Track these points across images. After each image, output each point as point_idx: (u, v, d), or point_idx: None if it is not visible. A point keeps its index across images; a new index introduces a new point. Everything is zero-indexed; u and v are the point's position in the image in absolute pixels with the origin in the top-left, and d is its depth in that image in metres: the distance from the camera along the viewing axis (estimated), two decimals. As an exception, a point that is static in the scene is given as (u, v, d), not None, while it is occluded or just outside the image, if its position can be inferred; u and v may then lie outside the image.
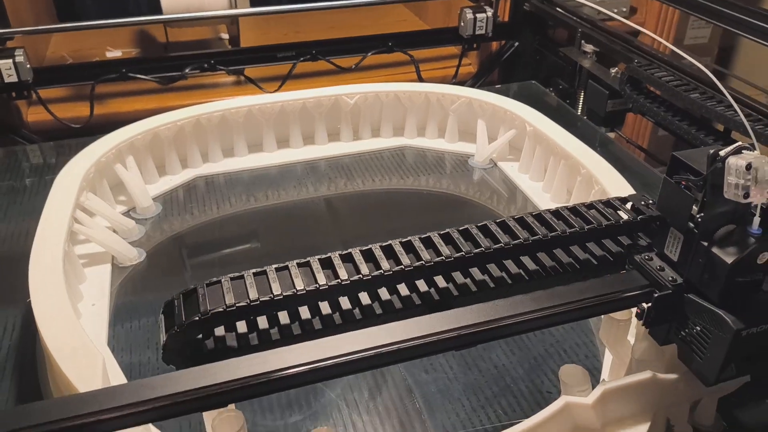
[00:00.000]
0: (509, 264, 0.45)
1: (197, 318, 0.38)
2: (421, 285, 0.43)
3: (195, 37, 1.37)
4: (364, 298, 0.42)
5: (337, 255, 0.42)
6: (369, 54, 1.20)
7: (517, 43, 1.27)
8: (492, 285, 0.44)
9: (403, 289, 0.43)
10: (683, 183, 0.42)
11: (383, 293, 0.42)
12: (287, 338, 0.40)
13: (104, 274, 0.67)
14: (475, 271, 0.44)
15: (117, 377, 0.53)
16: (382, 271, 0.41)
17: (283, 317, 0.41)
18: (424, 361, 0.58)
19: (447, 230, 0.44)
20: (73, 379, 0.46)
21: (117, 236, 0.70)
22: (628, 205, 0.47)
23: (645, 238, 0.47)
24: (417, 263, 0.42)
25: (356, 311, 0.41)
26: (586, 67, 1.05)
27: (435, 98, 0.91)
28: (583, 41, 1.07)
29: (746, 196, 0.38)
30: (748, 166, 0.38)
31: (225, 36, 1.38)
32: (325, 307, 0.41)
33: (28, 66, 1.01)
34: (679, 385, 0.46)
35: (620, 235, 0.47)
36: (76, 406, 0.34)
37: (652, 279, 0.44)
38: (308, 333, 0.40)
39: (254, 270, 0.41)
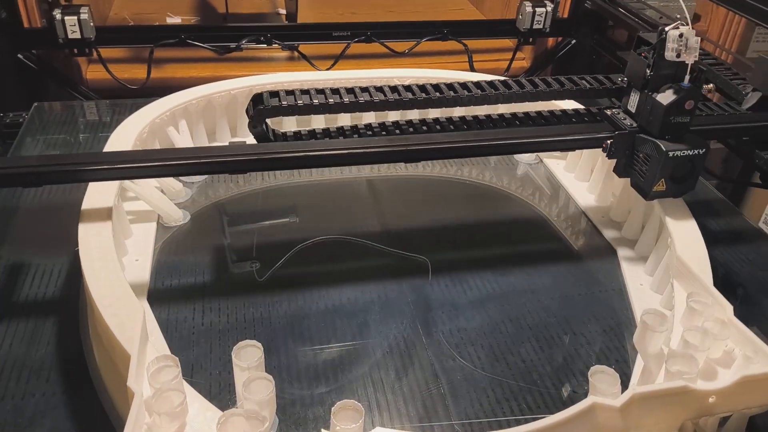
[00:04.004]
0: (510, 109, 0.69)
1: (277, 104, 0.62)
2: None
3: (253, 10, 1.38)
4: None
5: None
6: (423, 40, 1.19)
7: (574, 41, 1.25)
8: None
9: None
10: (642, 54, 0.62)
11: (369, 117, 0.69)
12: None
13: (149, 232, 0.69)
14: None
15: (154, 331, 0.54)
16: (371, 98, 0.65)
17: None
18: (453, 349, 0.58)
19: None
20: (113, 327, 0.47)
21: (164, 196, 0.72)
22: (609, 80, 0.69)
23: (618, 102, 0.68)
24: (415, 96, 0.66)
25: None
26: (643, 70, 1.03)
27: (487, 89, 0.90)
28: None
29: (678, 56, 0.58)
30: (681, 35, 0.58)
31: (282, 11, 1.39)
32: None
33: (92, 24, 1.04)
34: (711, 397, 0.45)
35: (601, 97, 0.71)
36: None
37: (616, 125, 0.65)
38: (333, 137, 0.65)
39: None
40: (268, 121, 0.64)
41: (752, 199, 1.28)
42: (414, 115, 0.68)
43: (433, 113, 0.77)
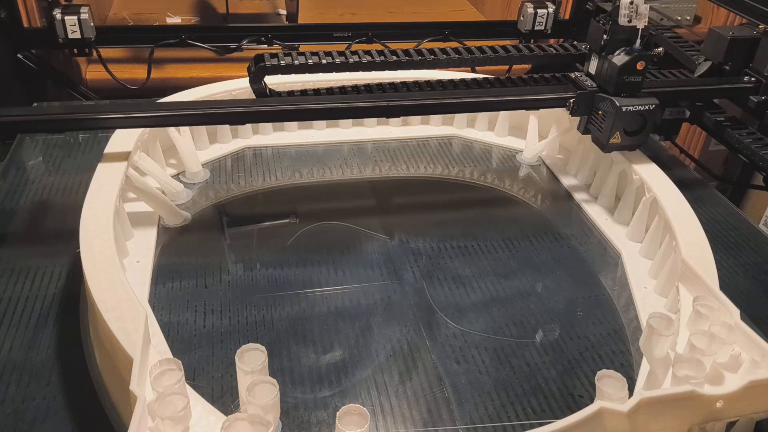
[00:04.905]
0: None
1: (276, 63, 0.71)
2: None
3: (254, 10, 1.38)
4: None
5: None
6: (424, 41, 1.19)
7: (576, 42, 1.24)
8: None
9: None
10: (601, 22, 0.70)
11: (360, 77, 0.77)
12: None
13: (150, 234, 0.68)
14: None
15: (155, 334, 0.54)
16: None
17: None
18: (457, 352, 0.58)
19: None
20: (115, 330, 0.47)
21: (165, 198, 0.71)
22: (574, 47, 0.80)
23: (581, 67, 0.77)
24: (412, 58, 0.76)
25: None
26: (645, 72, 1.03)
27: (489, 90, 0.90)
28: (645, 45, 1.05)
29: (630, 21, 0.66)
30: (631, 2, 0.65)
31: (283, 12, 1.38)
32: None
33: (92, 24, 1.03)
34: (718, 402, 0.45)
35: (565, 62, 0.80)
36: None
37: (578, 86, 0.74)
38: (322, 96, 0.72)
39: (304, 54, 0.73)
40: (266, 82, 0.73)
41: (752, 201, 1.28)
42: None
43: (416, 77, 0.82)
